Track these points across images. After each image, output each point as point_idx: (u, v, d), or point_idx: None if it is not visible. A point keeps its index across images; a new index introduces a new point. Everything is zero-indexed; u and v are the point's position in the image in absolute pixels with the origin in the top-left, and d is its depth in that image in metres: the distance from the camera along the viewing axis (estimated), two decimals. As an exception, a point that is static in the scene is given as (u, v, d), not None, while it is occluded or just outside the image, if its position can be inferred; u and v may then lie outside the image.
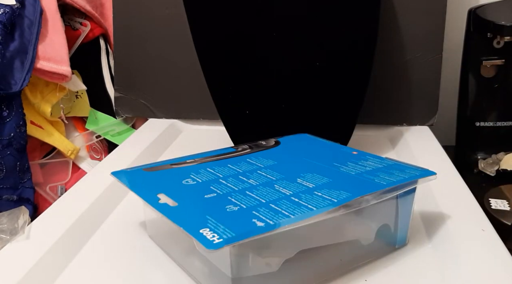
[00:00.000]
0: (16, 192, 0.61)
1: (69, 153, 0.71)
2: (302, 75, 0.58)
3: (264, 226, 0.33)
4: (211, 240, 0.31)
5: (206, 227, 0.33)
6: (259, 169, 0.45)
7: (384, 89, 0.74)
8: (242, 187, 0.40)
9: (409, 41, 0.73)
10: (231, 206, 0.36)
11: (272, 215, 0.34)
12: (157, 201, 0.38)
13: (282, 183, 0.41)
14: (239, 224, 0.33)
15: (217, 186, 0.41)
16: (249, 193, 0.39)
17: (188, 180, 0.42)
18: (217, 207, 0.36)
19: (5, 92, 0.59)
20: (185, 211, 0.36)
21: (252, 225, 0.33)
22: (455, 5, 0.82)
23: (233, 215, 0.35)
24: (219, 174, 0.44)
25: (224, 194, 0.39)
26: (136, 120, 0.85)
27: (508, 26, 0.67)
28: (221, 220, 0.34)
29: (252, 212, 0.35)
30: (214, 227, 0.33)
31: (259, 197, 0.38)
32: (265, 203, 0.37)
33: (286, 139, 0.55)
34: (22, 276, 0.40)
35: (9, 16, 0.62)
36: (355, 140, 0.62)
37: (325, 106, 0.59)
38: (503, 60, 0.69)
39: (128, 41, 0.79)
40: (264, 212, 0.35)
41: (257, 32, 0.56)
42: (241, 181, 0.42)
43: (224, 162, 0.47)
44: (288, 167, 0.45)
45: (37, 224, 0.48)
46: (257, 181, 0.42)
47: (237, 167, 0.46)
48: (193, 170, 0.45)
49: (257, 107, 0.59)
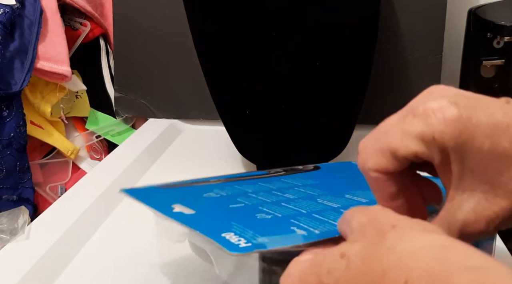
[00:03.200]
0: (16, 192, 0.61)
1: (69, 153, 0.71)
2: (302, 75, 0.58)
3: (307, 235, 0.26)
4: (237, 244, 0.24)
5: (230, 231, 0.26)
6: (296, 187, 0.37)
7: (384, 89, 0.74)
8: (277, 200, 0.32)
9: (409, 41, 0.73)
10: (263, 215, 0.29)
11: (316, 224, 0.27)
12: (170, 210, 0.31)
13: (326, 197, 0.33)
14: (273, 230, 0.26)
15: (245, 198, 0.33)
16: (285, 204, 0.31)
17: (211, 193, 0.34)
18: (245, 215, 0.29)
19: (5, 92, 0.59)
20: (204, 218, 0.29)
21: (290, 232, 0.26)
22: (455, 5, 0.82)
23: (266, 222, 0.28)
24: (248, 190, 0.35)
25: (254, 204, 0.31)
26: (136, 120, 0.85)
27: (508, 26, 0.67)
28: (249, 226, 0.27)
29: (290, 220, 0.28)
30: (240, 232, 0.26)
31: (299, 208, 0.30)
32: (307, 214, 0.29)
33: (327, 165, 0.48)
34: (22, 276, 0.40)
35: (9, 16, 0.62)
36: (355, 140, 0.62)
37: (325, 106, 0.59)
38: (503, 60, 0.69)
39: (128, 41, 0.79)
40: (305, 221, 0.28)
41: (257, 32, 0.56)
42: (275, 195, 0.34)
43: (254, 181, 0.39)
44: (332, 186, 0.37)
45: (37, 224, 0.48)
46: (294, 195, 0.34)
47: (269, 184, 0.37)
48: (217, 187, 0.37)
49: (257, 107, 0.59)
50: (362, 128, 0.75)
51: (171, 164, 0.67)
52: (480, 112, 0.24)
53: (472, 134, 0.23)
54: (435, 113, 0.24)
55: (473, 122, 0.23)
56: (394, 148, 0.25)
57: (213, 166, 0.65)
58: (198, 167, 0.66)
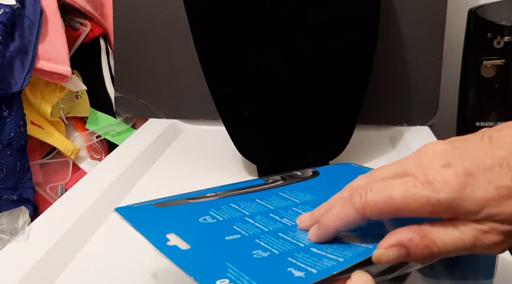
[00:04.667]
0: (16, 192, 0.61)
1: (69, 153, 0.71)
2: (302, 75, 0.58)
3: (304, 277, 0.25)
4: None
5: (225, 278, 0.25)
6: (294, 206, 0.36)
7: (384, 89, 0.74)
8: (274, 228, 0.32)
9: (409, 41, 0.73)
10: (260, 252, 0.28)
11: (314, 261, 0.27)
12: (165, 242, 0.31)
13: None
14: (270, 274, 0.26)
15: (241, 225, 0.33)
16: (283, 235, 0.31)
17: (207, 217, 0.34)
18: (241, 252, 0.29)
19: (5, 92, 0.59)
20: (199, 256, 0.29)
21: (287, 275, 0.25)
22: (455, 5, 0.82)
23: (262, 263, 0.27)
24: (245, 211, 0.35)
25: (251, 235, 0.31)
26: (136, 120, 0.85)
27: (508, 26, 0.67)
28: (245, 269, 0.26)
29: (288, 258, 0.27)
30: (235, 278, 0.25)
31: (296, 240, 0.30)
32: (304, 248, 0.29)
33: (326, 169, 0.47)
34: (22, 276, 0.40)
35: (9, 16, 0.62)
36: (355, 140, 0.62)
37: (325, 106, 0.59)
38: (503, 60, 0.69)
39: (128, 41, 0.79)
40: (303, 258, 0.27)
41: (257, 32, 0.56)
42: (273, 220, 0.33)
43: (251, 196, 0.38)
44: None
45: (37, 224, 0.48)
46: (292, 221, 0.33)
47: (267, 202, 0.37)
48: (213, 205, 0.37)
49: (257, 107, 0.59)
50: (362, 128, 0.75)
51: (171, 164, 0.68)
52: (473, 161, 0.26)
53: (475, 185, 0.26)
54: (436, 180, 0.26)
55: (473, 176, 0.26)
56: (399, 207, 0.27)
57: (213, 166, 0.66)
58: (198, 167, 0.66)
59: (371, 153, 0.68)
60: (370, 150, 0.69)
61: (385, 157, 0.67)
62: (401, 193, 0.26)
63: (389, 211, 0.27)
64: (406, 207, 0.26)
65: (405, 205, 0.26)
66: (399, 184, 0.27)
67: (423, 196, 0.26)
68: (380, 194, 0.27)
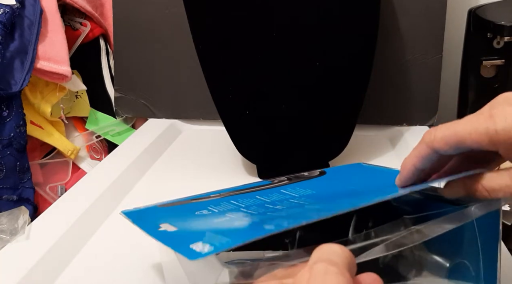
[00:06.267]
0: (16, 192, 0.61)
1: (69, 153, 0.71)
2: (302, 75, 0.58)
3: (274, 227, 0.26)
4: (199, 251, 0.24)
5: (200, 241, 0.25)
6: (291, 198, 0.36)
7: (384, 89, 0.74)
8: (264, 211, 0.32)
9: (409, 41, 0.73)
10: (242, 222, 0.30)
11: (289, 222, 0.27)
12: (156, 229, 0.32)
13: (314, 205, 0.33)
14: (243, 231, 0.27)
15: (234, 213, 0.33)
16: (271, 213, 0.31)
17: (203, 211, 0.35)
18: (224, 225, 0.30)
19: (5, 92, 0.59)
20: (182, 233, 0.30)
21: (257, 228, 0.26)
22: (455, 5, 0.82)
23: (241, 227, 0.28)
24: (241, 205, 0.35)
25: (239, 217, 0.31)
26: (136, 120, 0.85)
27: (508, 26, 0.67)
28: (222, 232, 0.27)
29: (266, 221, 0.28)
30: (210, 239, 0.26)
31: (278, 213, 0.31)
32: (285, 216, 0.29)
33: (335, 169, 0.47)
34: (22, 276, 0.40)
35: (9, 16, 0.62)
36: (355, 140, 0.62)
37: (325, 106, 0.59)
38: (503, 60, 0.69)
39: (128, 41, 0.79)
40: (280, 220, 0.28)
41: (257, 32, 0.56)
42: (265, 208, 0.34)
43: (252, 194, 0.39)
44: (328, 196, 0.36)
45: (37, 224, 0.48)
46: (283, 206, 0.33)
47: (266, 197, 0.37)
48: (213, 202, 0.37)
49: (257, 107, 0.59)
50: (362, 128, 0.75)
51: (171, 164, 0.67)
52: None
53: None
54: (497, 115, 0.28)
55: None
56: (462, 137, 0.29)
57: (213, 166, 0.65)
58: (198, 167, 0.66)
59: (371, 153, 0.68)
60: (370, 150, 0.69)
61: (385, 157, 0.67)
62: (465, 126, 0.29)
63: (454, 142, 0.29)
64: (468, 137, 0.28)
65: (467, 135, 0.28)
66: (465, 121, 0.29)
67: (483, 127, 0.28)
68: (448, 130, 0.30)
